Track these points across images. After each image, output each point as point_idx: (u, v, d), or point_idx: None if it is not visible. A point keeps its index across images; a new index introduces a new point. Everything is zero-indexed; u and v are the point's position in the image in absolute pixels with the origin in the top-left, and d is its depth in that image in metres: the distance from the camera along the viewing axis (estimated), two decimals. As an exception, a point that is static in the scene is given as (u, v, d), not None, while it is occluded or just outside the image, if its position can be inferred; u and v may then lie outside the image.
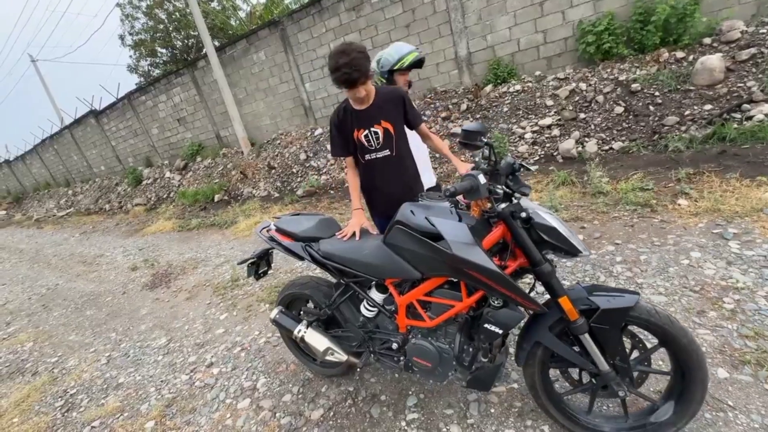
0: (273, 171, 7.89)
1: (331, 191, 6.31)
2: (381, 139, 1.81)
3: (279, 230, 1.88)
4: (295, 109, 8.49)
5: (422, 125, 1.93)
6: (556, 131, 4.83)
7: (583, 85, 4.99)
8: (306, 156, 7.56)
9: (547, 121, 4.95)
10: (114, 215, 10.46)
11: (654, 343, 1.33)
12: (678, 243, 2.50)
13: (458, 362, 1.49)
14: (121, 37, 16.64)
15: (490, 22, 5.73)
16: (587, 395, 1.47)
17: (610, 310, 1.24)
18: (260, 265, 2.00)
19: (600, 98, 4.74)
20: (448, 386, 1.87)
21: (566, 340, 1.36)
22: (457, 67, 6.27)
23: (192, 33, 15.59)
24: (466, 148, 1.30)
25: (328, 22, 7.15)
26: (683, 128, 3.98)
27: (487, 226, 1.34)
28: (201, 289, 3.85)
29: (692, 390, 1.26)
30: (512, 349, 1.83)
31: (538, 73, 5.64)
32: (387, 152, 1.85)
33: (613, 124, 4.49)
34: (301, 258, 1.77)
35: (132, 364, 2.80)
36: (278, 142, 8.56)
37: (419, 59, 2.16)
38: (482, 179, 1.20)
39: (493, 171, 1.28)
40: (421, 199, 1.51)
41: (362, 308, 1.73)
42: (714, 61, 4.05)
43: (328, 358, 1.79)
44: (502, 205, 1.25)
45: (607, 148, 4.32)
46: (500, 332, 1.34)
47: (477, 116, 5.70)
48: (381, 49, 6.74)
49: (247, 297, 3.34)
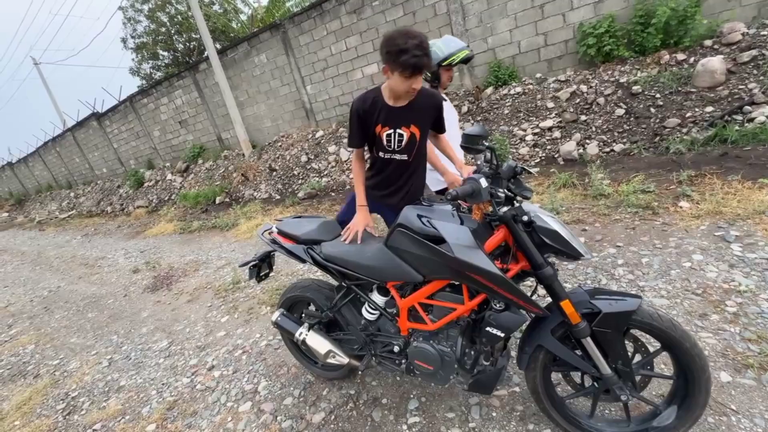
0: (274, 173, 7.90)
1: (332, 193, 6.32)
2: (404, 143, 1.70)
3: (281, 233, 1.88)
4: (297, 112, 8.52)
5: (442, 136, 1.88)
6: (557, 133, 4.83)
7: (584, 87, 4.99)
8: (307, 158, 7.58)
9: (548, 123, 4.96)
10: (116, 217, 10.48)
11: (657, 347, 1.32)
12: (680, 245, 2.50)
13: (460, 365, 1.49)
14: (124, 40, 16.74)
15: (491, 25, 5.75)
16: (589, 399, 1.46)
17: (612, 314, 1.23)
18: (262, 267, 2.01)
19: (601, 100, 4.74)
20: (450, 390, 1.86)
21: (568, 344, 1.35)
22: (459, 69, 6.28)
23: (194, 36, 15.67)
24: (468, 152, 1.30)
25: (329, 24, 7.18)
26: (684, 130, 3.98)
27: (488, 230, 1.34)
28: (202, 291, 3.85)
29: (695, 394, 1.25)
30: (514, 352, 1.83)
31: (538, 75, 5.65)
32: (405, 157, 1.74)
33: (614, 126, 4.49)
34: (303, 260, 1.77)
35: (133, 366, 2.81)
36: (279, 144, 8.58)
37: (468, 57, 2.08)
38: (484, 183, 1.20)
39: (494, 174, 1.27)
40: (423, 203, 1.51)
41: (364, 311, 1.73)
42: (715, 63, 4.05)
43: (329, 360, 1.78)
44: (504, 209, 1.25)
45: (608, 150, 4.32)
46: (502, 335, 1.34)
47: (478, 118, 5.71)
48: (382, 51, 6.86)
49: (249, 300, 3.34)
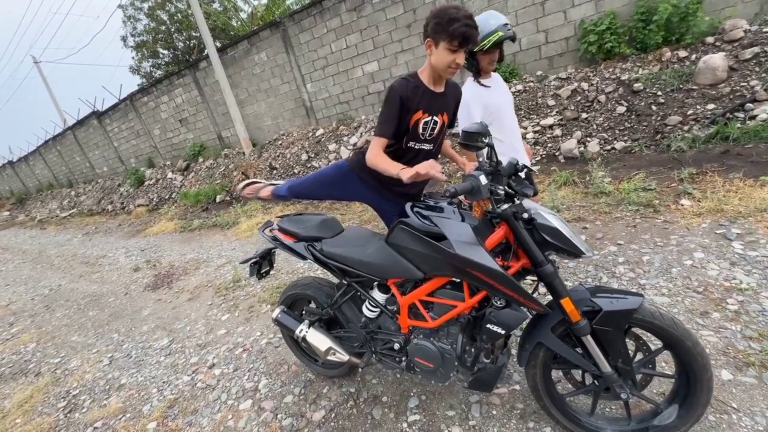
0: (274, 171, 7.90)
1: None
2: (436, 131, 1.64)
3: (282, 230, 1.88)
4: (297, 110, 8.50)
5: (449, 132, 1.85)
6: (557, 131, 4.82)
7: (585, 85, 4.97)
8: (307, 156, 7.57)
9: (549, 121, 4.94)
10: (116, 216, 10.49)
11: (658, 346, 1.32)
12: (681, 244, 2.49)
13: (460, 363, 1.49)
14: (124, 39, 16.74)
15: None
16: (590, 397, 1.46)
17: (612, 312, 1.22)
18: (262, 264, 2.01)
19: (602, 98, 4.72)
20: (450, 388, 1.86)
21: (569, 342, 1.35)
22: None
23: (194, 34, 15.65)
24: (467, 150, 1.29)
25: (329, 22, 7.16)
26: (686, 128, 3.96)
27: (489, 227, 1.34)
28: (203, 289, 3.85)
29: (697, 393, 1.25)
30: (514, 350, 1.83)
31: (539, 72, 5.63)
32: (431, 146, 1.68)
33: (615, 124, 4.48)
34: (303, 257, 1.77)
35: (134, 364, 2.81)
36: (279, 142, 8.57)
37: (504, 39, 1.88)
38: (483, 180, 1.20)
39: (494, 172, 1.27)
40: (424, 199, 1.51)
41: (364, 308, 1.73)
42: (717, 60, 4.03)
43: (329, 358, 1.78)
44: (504, 206, 1.25)
45: (609, 148, 4.31)
46: (502, 332, 1.34)
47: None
48: (383, 50, 6.84)
49: (249, 298, 3.34)
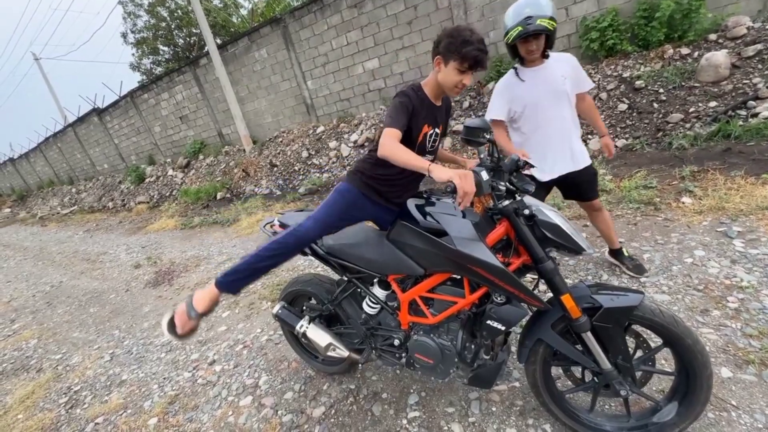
0: (275, 169, 7.90)
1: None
2: (436, 142, 1.63)
3: (283, 226, 1.88)
4: (297, 107, 8.49)
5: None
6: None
7: (586, 82, 4.95)
8: (308, 154, 7.56)
9: (550, 118, 4.92)
10: (117, 213, 10.51)
11: (658, 343, 1.32)
12: (682, 241, 2.49)
13: (460, 359, 1.49)
14: (124, 35, 16.71)
15: (493, 19, 5.70)
16: (589, 394, 1.46)
17: (613, 309, 1.22)
18: None
19: (603, 95, 4.70)
20: (450, 384, 1.87)
21: (569, 338, 1.35)
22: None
23: (194, 31, 15.61)
24: (469, 145, 1.29)
25: (330, 19, 7.13)
26: (687, 125, 3.95)
27: (490, 223, 1.34)
28: (203, 286, 3.85)
29: (696, 391, 1.25)
30: (514, 347, 1.83)
31: (541, 70, 5.60)
32: (432, 158, 1.65)
33: (617, 122, 4.46)
34: (304, 253, 1.77)
35: (135, 361, 2.82)
36: (280, 139, 8.57)
37: (528, 33, 1.77)
38: (485, 175, 1.19)
39: (496, 167, 1.26)
40: (425, 195, 1.51)
41: (364, 305, 1.73)
42: (719, 58, 4.01)
43: (329, 353, 1.79)
44: (506, 202, 1.25)
45: (610, 145, 4.30)
46: (503, 329, 1.34)
47: (480, 113, 5.68)
48: (383, 47, 6.82)
49: (249, 295, 3.34)
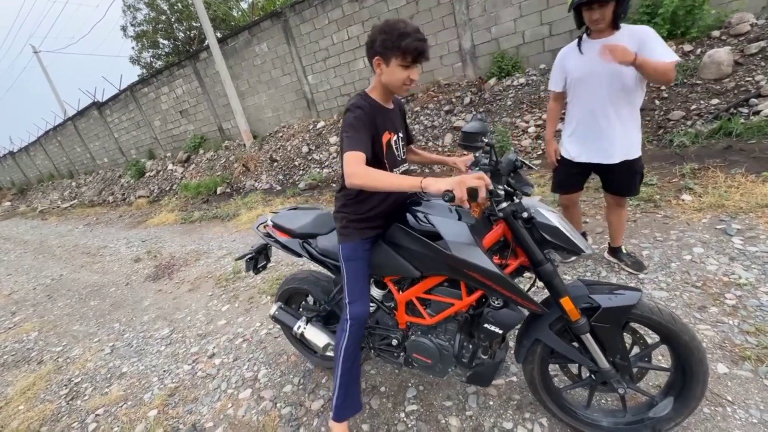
0: (275, 164, 7.88)
1: (333, 184, 6.31)
2: (403, 149, 1.53)
3: (276, 226, 1.86)
4: (298, 102, 8.45)
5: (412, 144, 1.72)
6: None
7: (588, 79, 4.92)
8: (308, 149, 7.55)
9: (551, 115, 4.91)
10: (117, 207, 10.51)
11: (655, 340, 1.32)
12: (681, 239, 2.49)
13: (458, 361, 1.48)
14: (123, 28, 16.61)
15: (495, 14, 5.66)
16: (586, 390, 1.47)
17: (611, 309, 1.22)
18: (259, 259, 1.99)
19: (605, 92, 4.67)
20: (448, 379, 1.88)
21: (566, 337, 1.35)
22: (461, 59, 6.20)
23: (194, 24, 15.52)
24: (466, 149, 1.25)
25: (330, 13, 7.08)
26: (689, 123, 3.94)
27: (487, 225, 1.32)
28: (203, 280, 3.87)
29: (692, 387, 1.26)
30: (512, 343, 1.84)
31: (542, 66, 5.58)
32: (407, 165, 1.56)
33: (618, 119, 4.44)
34: (298, 255, 1.76)
35: (135, 354, 2.84)
36: (280, 135, 8.54)
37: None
38: None
39: (494, 170, 1.24)
40: (420, 197, 1.49)
41: None
42: (722, 55, 3.99)
43: (328, 353, 1.78)
44: (504, 204, 1.22)
45: (611, 142, 4.28)
46: (500, 332, 1.34)
47: (480, 110, 5.66)
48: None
49: (249, 289, 3.36)
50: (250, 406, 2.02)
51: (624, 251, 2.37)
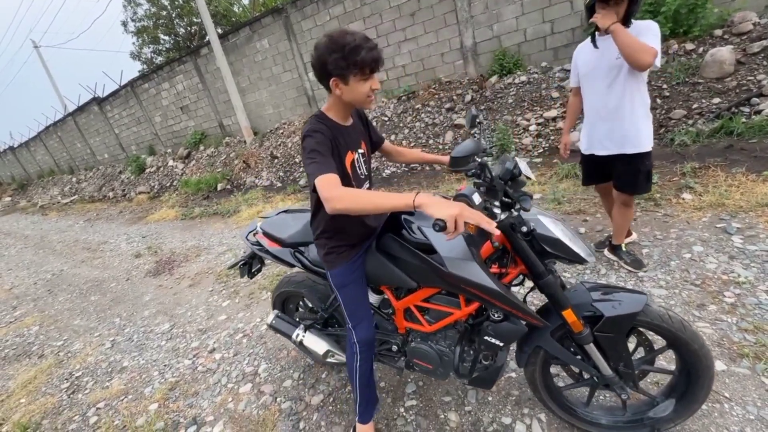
0: (275, 160, 7.88)
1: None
2: (366, 164, 1.45)
3: (266, 234, 1.79)
4: (298, 99, 8.44)
5: (386, 142, 1.63)
6: (561, 124, 4.78)
7: (589, 77, 4.91)
8: (309, 146, 7.53)
9: (553, 113, 4.90)
10: (117, 203, 10.51)
11: (660, 341, 1.28)
12: (680, 237, 2.50)
13: (457, 373, 1.46)
14: (124, 24, 16.56)
15: (497, 12, 5.64)
16: (587, 388, 1.46)
17: (615, 318, 1.18)
18: (253, 263, 1.95)
19: (606, 90, 4.66)
20: (447, 374, 1.89)
21: (568, 344, 1.33)
22: (463, 57, 6.19)
23: (195, 20, 15.46)
24: (457, 172, 1.15)
25: (332, 9, 7.06)
26: (690, 122, 3.93)
27: (484, 235, 1.24)
28: (204, 276, 3.88)
29: (696, 391, 1.25)
30: (513, 344, 1.84)
31: (544, 64, 5.57)
32: (368, 182, 1.46)
33: (619, 117, 4.43)
34: (291, 265, 1.70)
35: (136, 348, 2.85)
36: (281, 131, 8.53)
37: None
38: (477, 199, 1.07)
39: (489, 187, 1.17)
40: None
41: None
42: (724, 54, 3.98)
43: (328, 360, 1.77)
44: (502, 216, 1.16)
45: (612, 141, 4.28)
46: (501, 345, 1.31)
47: (481, 107, 5.65)
48: (386, 39, 6.76)
49: (250, 284, 3.36)
50: (250, 401, 2.04)
51: (623, 249, 2.38)
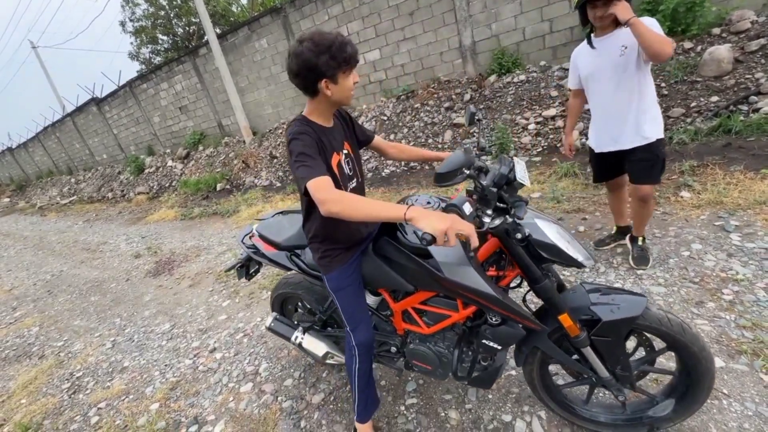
0: (275, 160, 7.88)
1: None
2: (354, 163, 1.44)
3: (261, 237, 1.78)
4: (297, 98, 8.43)
5: (376, 138, 1.61)
6: (560, 122, 4.79)
7: (588, 76, 4.92)
8: (308, 145, 7.53)
9: (552, 112, 4.91)
10: (117, 203, 10.50)
11: (662, 345, 1.27)
12: (679, 235, 2.51)
13: (455, 376, 1.47)
14: (122, 24, 16.49)
15: (495, 11, 5.64)
16: (586, 386, 1.47)
17: (612, 322, 1.18)
18: (250, 265, 1.95)
19: (605, 89, 4.67)
20: (447, 373, 1.89)
21: (566, 345, 1.34)
22: (461, 56, 6.19)
23: (193, 20, 15.42)
24: (445, 186, 1.12)
25: (330, 9, 7.05)
26: (689, 120, 3.94)
27: (481, 237, 1.24)
28: (204, 276, 3.88)
29: (696, 393, 1.25)
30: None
31: (543, 63, 5.57)
32: (356, 181, 1.45)
33: (618, 116, 4.44)
34: (287, 269, 1.70)
35: (136, 348, 2.85)
36: (280, 131, 8.53)
37: None
38: (467, 208, 1.04)
39: (481, 195, 1.15)
40: (408, 203, 1.38)
41: None
42: (722, 52, 3.99)
43: (328, 362, 1.77)
44: (497, 221, 1.14)
45: (611, 139, 4.29)
46: (499, 348, 1.32)
47: (480, 106, 5.65)
48: (384, 38, 6.76)
49: (249, 284, 3.37)
50: (251, 400, 2.04)
51: (639, 243, 2.36)
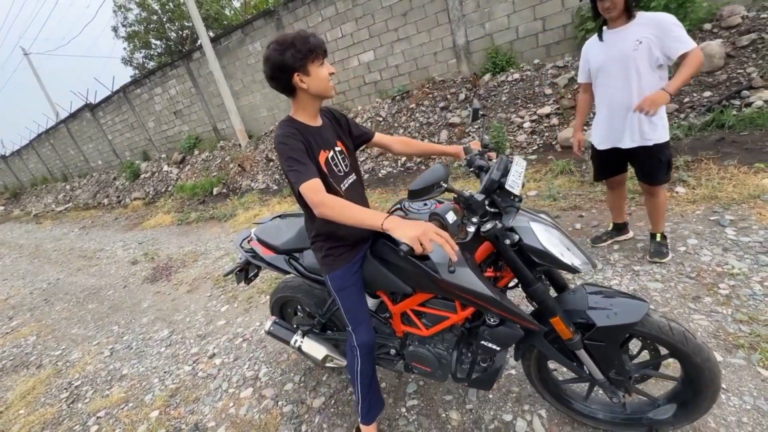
0: (271, 163, 7.86)
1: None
2: (347, 159, 1.45)
3: (260, 241, 1.79)
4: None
5: (377, 134, 1.62)
6: (554, 120, 4.81)
7: (582, 73, 4.94)
8: (304, 148, 7.52)
9: (546, 109, 4.93)
10: (113, 210, 10.44)
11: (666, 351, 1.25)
12: (675, 230, 2.52)
13: (454, 378, 1.47)
14: (115, 29, 16.44)
15: (489, 10, 5.66)
16: (586, 384, 1.46)
17: (607, 328, 1.16)
18: (249, 270, 1.95)
19: (599, 86, 4.70)
20: (447, 373, 1.90)
21: (563, 346, 1.33)
22: (455, 56, 6.20)
23: (186, 24, 15.38)
24: (423, 200, 1.08)
25: (323, 11, 7.05)
26: (682, 115, 3.97)
27: (477, 239, 1.23)
28: (201, 281, 3.87)
29: (698, 402, 1.22)
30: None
31: (536, 61, 5.59)
32: (354, 176, 1.47)
33: (612, 112, 4.46)
34: (286, 272, 1.70)
35: (135, 356, 2.84)
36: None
37: None
38: (451, 217, 1.01)
39: (466, 203, 1.15)
40: (404, 207, 1.38)
41: None
42: (714, 47, 4.02)
43: (328, 365, 1.77)
44: (488, 225, 1.14)
45: (605, 136, 4.31)
46: (498, 349, 1.32)
47: (481, 107, 5.65)
48: (378, 39, 6.76)
49: (248, 289, 3.36)
50: (251, 405, 2.04)
51: (657, 239, 2.31)
